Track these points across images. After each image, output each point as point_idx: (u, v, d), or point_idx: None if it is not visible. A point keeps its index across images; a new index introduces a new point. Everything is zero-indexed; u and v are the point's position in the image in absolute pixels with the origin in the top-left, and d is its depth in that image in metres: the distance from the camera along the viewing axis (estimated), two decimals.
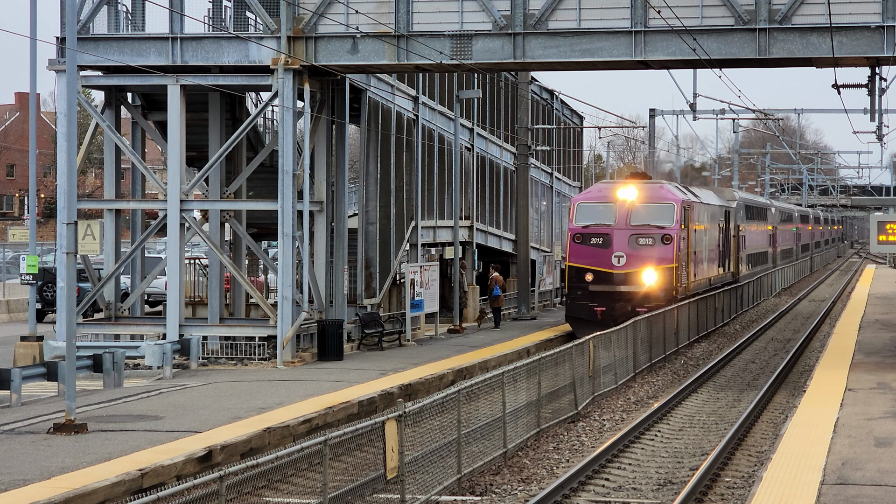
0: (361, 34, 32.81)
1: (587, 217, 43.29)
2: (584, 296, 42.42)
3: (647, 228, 42.72)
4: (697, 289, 46.55)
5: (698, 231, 47.01)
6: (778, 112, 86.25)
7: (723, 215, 54.43)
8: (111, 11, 35.22)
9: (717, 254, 52.53)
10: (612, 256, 42.40)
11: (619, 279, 42.34)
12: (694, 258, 45.89)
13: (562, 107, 77.75)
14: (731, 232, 57.60)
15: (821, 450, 20.10)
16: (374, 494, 16.88)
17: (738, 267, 60.02)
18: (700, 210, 47.59)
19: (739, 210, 62.33)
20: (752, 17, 31.88)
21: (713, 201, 52.58)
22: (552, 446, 23.71)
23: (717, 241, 52.44)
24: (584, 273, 42.57)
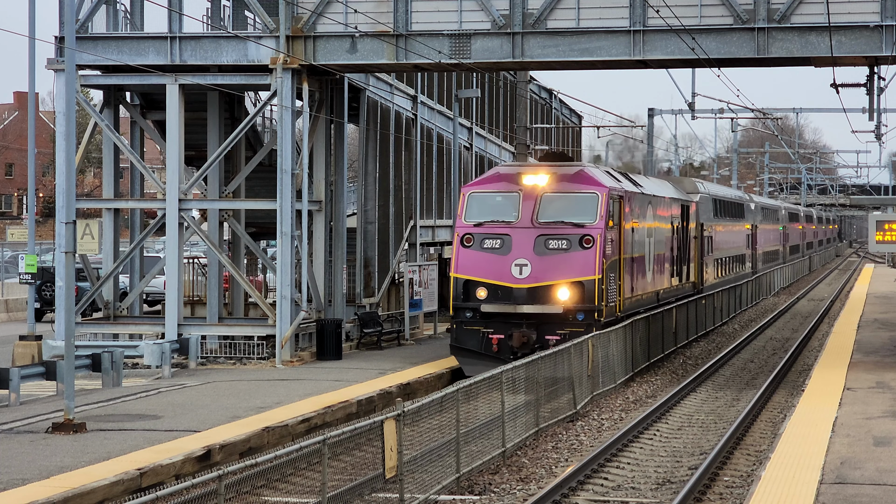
0: (360, 34, 32.81)
1: (482, 211, 32.67)
2: (474, 319, 31.91)
3: (561, 227, 32.04)
4: (637, 306, 36.09)
5: (637, 230, 36.36)
6: (777, 111, 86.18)
7: (679, 211, 44.29)
8: (110, 11, 35.23)
9: (669, 259, 42.01)
10: (513, 265, 31.78)
11: (521, 296, 31.72)
12: (630, 266, 35.32)
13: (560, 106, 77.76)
14: (693, 232, 47.37)
15: (819, 449, 20.11)
16: (373, 494, 16.88)
17: (702, 275, 49.47)
18: (640, 203, 36.93)
19: (704, 205, 51.11)
20: (751, 17, 31.89)
21: (663, 192, 42.10)
22: (551, 445, 23.71)
23: (669, 244, 42.08)
24: (474, 288, 32.00)
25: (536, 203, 32.30)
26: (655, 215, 39.35)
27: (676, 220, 43.65)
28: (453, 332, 32.22)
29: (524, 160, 45.42)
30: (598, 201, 32.35)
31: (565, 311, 31.55)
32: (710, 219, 52.37)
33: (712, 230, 52.95)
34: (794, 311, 60.39)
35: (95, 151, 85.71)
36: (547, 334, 31.35)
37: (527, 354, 27.37)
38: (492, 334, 31.82)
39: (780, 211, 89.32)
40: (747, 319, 54.72)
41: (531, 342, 31.31)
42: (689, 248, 46.50)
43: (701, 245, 49.34)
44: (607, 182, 33.42)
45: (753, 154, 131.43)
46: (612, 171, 36.20)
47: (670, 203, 42.74)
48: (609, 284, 32.53)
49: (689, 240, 46.51)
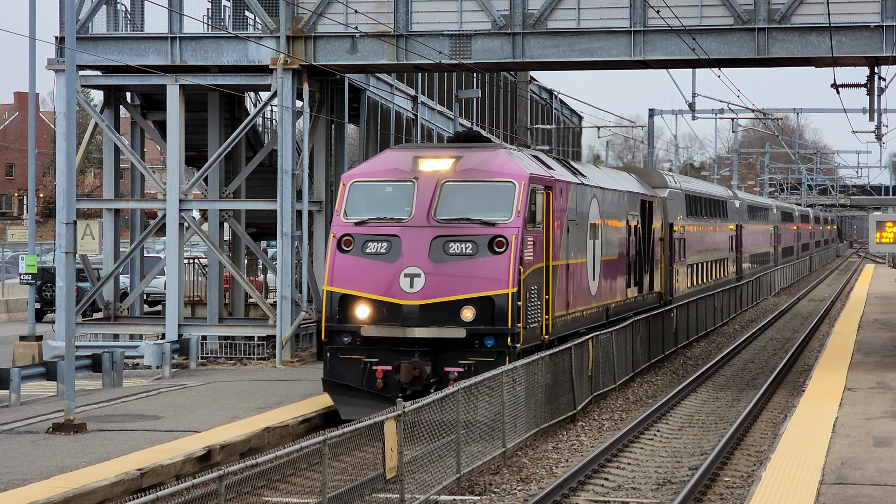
0: (361, 34, 32.82)
1: (366, 206, 25.93)
2: (353, 345, 24.92)
3: (466, 226, 25.10)
4: (575, 326, 29.39)
5: (576, 230, 29.51)
6: (777, 112, 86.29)
7: (639, 208, 37.19)
8: (110, 11, 35.25)
9: (624, 266, 34.90)
10: (402, 276, 24.75)
11: (412, 316, 24.60)
12: (564, 276, 28.41)
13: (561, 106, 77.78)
14: (658, 233, 40.60)
15: (820, 449, 20.11)
16: (374, 494, 16.88)
17: (671, 284, 42.92)
18: (579, 196, 29.96)
19: (675, 202, 44.61)
20: (752, 17, 31.89)
21: (615, 185, 34.84)
22: (551, 446, 23.71)
23: (624, 247, 35.04)
24: (353, 305, 24.98)
25: (436, 194, 25.42)
26: (603, 212, 32.30)
27: (635, 218, 36.63)
28: (326, 362, 25.14)
29: None
30: (514, 193, 25.38)
31: (470, 335, 24.45)
32: (682, 217, 46.11)
33: (685, 231, 46.44)
34: (794, 311, 60.38)
35: (96, 152, 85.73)
36: (446, 365, 24.40)
37: (420, 393, 22.60)
38: (376, 365, 24.73)
39: (770, 210, 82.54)
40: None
41: (424, 376, 24.40)
42: (653, 252, 39.39)
43: (670, 248, 42.76)
44: (530, 168, 26.57)
45: (754, 154, 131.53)
46: (542, 157, 29.34)
47: (626, 198, 35.61)
48: (530, 300, 25.63)
49: (654, 242, 39.54)
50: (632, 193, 36.71)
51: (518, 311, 24.76)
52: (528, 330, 25.52)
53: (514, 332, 24.66)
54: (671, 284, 42.87)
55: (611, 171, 39.06)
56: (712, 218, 54.32)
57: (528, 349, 25.24)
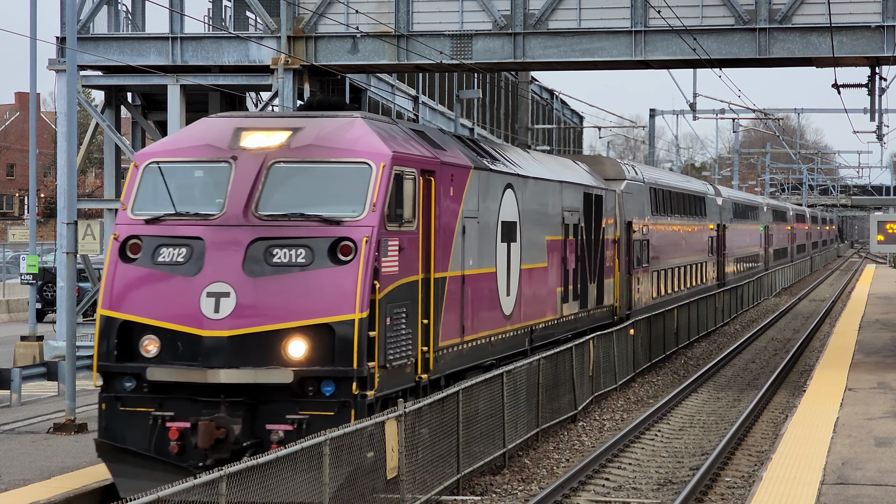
0: (361, 34, 32.84)
1: (162, 196, 18.93)
2: (138, 393, 18.01)
3: (298, 224, 18.20)
4: (475, 357, 22.64)
5: (476, 232, 22.58)
6: (778, 112, 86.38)
7: (580, 204, 30.56)
8: (111, 11, 35.27)
9: (556, 277, 28.35)
10: (204, 295, 17.74)
11: (218, 352, 17.61)
12: (458, 291, 21.54)
13: (562, 107, 77.81)
14: (611, 234, 34.14)
15: (821, 449, 20.11)
16: (374, 494, 16.88)
17: (630, 295, 36.59)
18: (482, 186, 23.07)
19: (636, 197, 38.17)
20: (753, 17, 31.90)
21: (545, 173, 28.30)
22: (552, 446, 23.71)
23: (557, 253, 28.50)
24: (138, 336, 18.06)
25: (259, 180, 18.40)
26: (525, 208, 25.79)
27: (575, 215, 30.05)
28: (101, 416, 18.08)
29: None
30: (370, 178, 18.42)
31: (300, 379, 17.50)
32: (646, 215, 39.53)
33: (649, 231, 39.79)
34: (795, 311, 60.38)
35: (97, 152, 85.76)
36: (268, 422, 17.51)
37: (226, 461, 16.07)
38: (170, 421, 17.66)
39: (760, 208, 76.05)
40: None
41: (233, 438, 17.27)
42: (603, 258, 32.94)
43: (628, 252, 36.44)
44: (397, 146, 19.44)
45: (755, 155, 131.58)
46: (430, 133, 22.30)
47: (561, 190, 28.95)
48: (394, 327, 18.71)
49: (604, 245, 33.07)
50: (570, 185, 29.77)
51: (371, 345, 17.77)
52: (391, 370, 18.58)
53: (363, 374, 17.58)
54: (629, 296, 36.45)
55: (546, 157, 31.88)
56: (687, 216, 47.80)
57: (391, 396, 18.69)
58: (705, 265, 52.01)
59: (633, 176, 38.62)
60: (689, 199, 48.92)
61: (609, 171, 36.48)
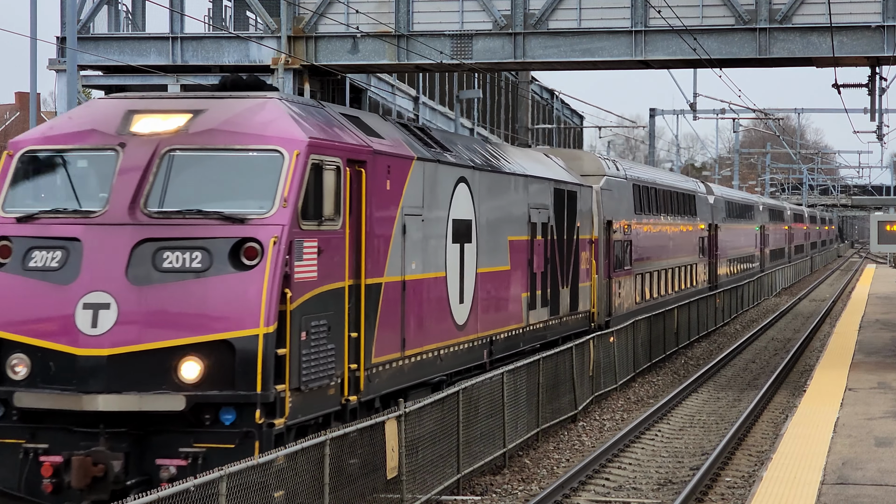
0: (362, 34, 32.84)
1: (38, 189, 16.59)
2: (6, 422, 15.29)
3: (194, 223, 15.59)
4: (424, 374, 20.40)
5: (420, 231, 20.18)
6: (778, 112, 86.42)
7: (550, 201, 28.11)
8: (111, 11, 35.27)
9: (521, 281, 25.79)
10: (80, 307, 15.03)
11: (96, 374, 14.82)
12: (401, 300, 19.26)
13: (562, 106, 77.83)
14: (587, 234, 31.81)
15: (821, 449, 20.11)
16: (375, 494, 16.88)
17: (609, 300, 34.52)
18: (431, 180, 20.72)
19: (617, 194, 36.07)
20: (753, 17, 31.90)
21: (504, 166, 25.30)
22: (552, 446, 23.72)
23: (523, 254, 25.92)
24: (5, 353, 15.32)
25: (150, 171, 15.79)
26: (481, 204, 23.14)
27: (544, 213, 27.61)
28: None
29: None
30: (281, 168, 15.86)
31: (194, 406, 14.90)
32: (629, 214, 37.51)
33: (632, 231, 37.71)
34: (795, 311, 60.38)
35: None
36: (158, 456, 14.88)
37: (105, 502, 14.40)
38: (44, 455, 14.97)
39: (755, 208, 73.13)
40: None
41: (113, 476, 14.64)
42: (577, 260, 30.50)
43: (608, 254, 34.28)
44: (316, 130, 16.77)
45: (755, 155, 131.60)
46: (366, 118, 19.55)
47: (527, 185, 26.39)
48: (311, 342, 16.08)
49: (578, 246, 30.64)
50: (537, 180, 27.20)
51: (280, 364, 15.20)
52: (308, 393, 15.93)
53: (268, 399, 14.94)
54: (609, 301, 34.32)
55: (514, 150, 29.54)
56: (675, 215, 45.40)
57: (308, 424, 16.13)
58: (695, 267, 49.28)
59: (615, 172, 36.44)
60: (678, 198, 46.44)
61: (587, 167, 34.42)
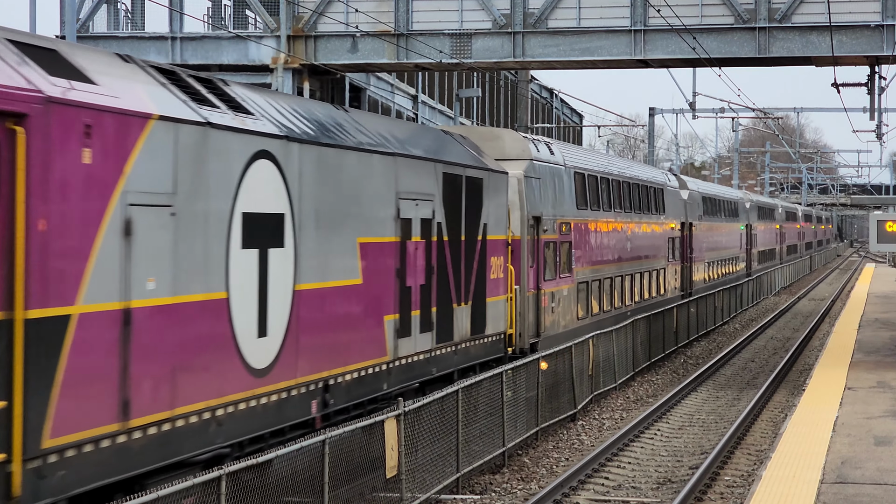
0: (361, 33, 32.85)
1: None
2: None
3: None
4: (187, 449, 13.93)
5: (155, 227, 13.49)
6: (777, 111, 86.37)
7: (436, 190, 21.59)
8: (111, 10, 35.27)
9: (384, 300, 19.44)
10: None
11: None
12: (121, 340, 12.72)
13: (561, 105, 77.84)
14: (497, 232, 24.62)
15: (820, 449, 20.11)
16: (374, 493, 16.88)
17: (539, 318, 28.16)
18: (190, 150, 14.19)
19: (546, 184, 29.30)
20: (752, 16, 31.91)
21: (345, 140, 18.46)
22: (552, 445, 23.72)
23: (387, 262, 19.65)
24: None
25: None
26: (305, 191, 16.98)
27: (431, 206, 21.13)
28: None
29: None
30: None
31: None
32: (565, 209, 30.72)
33: (572, 230, 31.11)
34: (794, 310, 60.39)
35: None
36: None
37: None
38: None
39: (741, 204, 66.47)
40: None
41: None
42: (485, 268, 23.62)
43: (536, 259, 27.82)
44: None
45: (754, 154, 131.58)
46: (66, 49, 13.31)
47: (400, 167, 19.99)
48: None
49: (491, 249, 24.00)
50: (414, 160, 20.44)
51: None
52: None
53: None
54: (537, 318, 27.88)
55: (379, 119, 22.42)
56: (636, 212, 38.98)
57: None
58: (663, 273, 43.01)
59: (546, 156, 29.65)
60: (641, 191, 39.74)
61: (509, 148, 28.01)
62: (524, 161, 28.14)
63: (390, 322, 19.44)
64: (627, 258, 37.46)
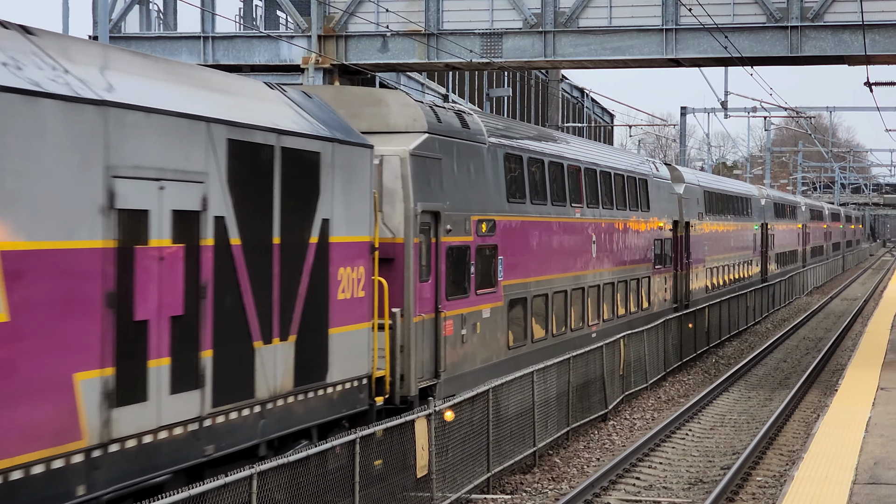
0: (392, 33, 32.87)
1: None
2: None
3: None
4: None
5: None
6: (810, 110, 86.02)
7: (213, 163, 13.73)
8: (143, 10, 35.40)
9: (65, 346, 11.40)
10: None
11: None
12: None
13: (592, 105, 77.70)
14: (354, 230, 17.09)
15: (853, 449, 20.03)
16: (405, 492, 16.90)
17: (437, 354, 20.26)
18: None
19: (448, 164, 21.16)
20: (784, 15, 31.80)
21: None
22: (582, 445, 23.69)
23: (79, 289, 11.65)
24: None
25: None
26: None
27: (200, 192, 13.72)
28: None
29: None
30: None
31: None
32: (484, 203, 22.63)
33: (497, 231, 23.15)
34: (827, 310, 60.15)
35: None
36: None
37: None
38: None
39: (754, 199, 58.55)
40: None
41: None
42: (326, 286, 16.36)
43: (435, 270, 20.30)
44: None
45: (787, 153, 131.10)
46: None
47: (135, 129, 12.61)
48: None
49: (340, 258, 16.81)
50: (148, 117, 12.91)
51: None
52: None
53: None
54: (436, 352, 20.25)
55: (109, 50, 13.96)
56: (599, 207, 30.22)
57: None
58: (647, 282, 34.85)
59: (455, 129, 21.57)
60: (610, 182, 31.12)
61: (395, 117, 20.30)
62: (416, 134, 20.00)
63: (89, 383, 11.81)
64: (589, 266, 29.08)
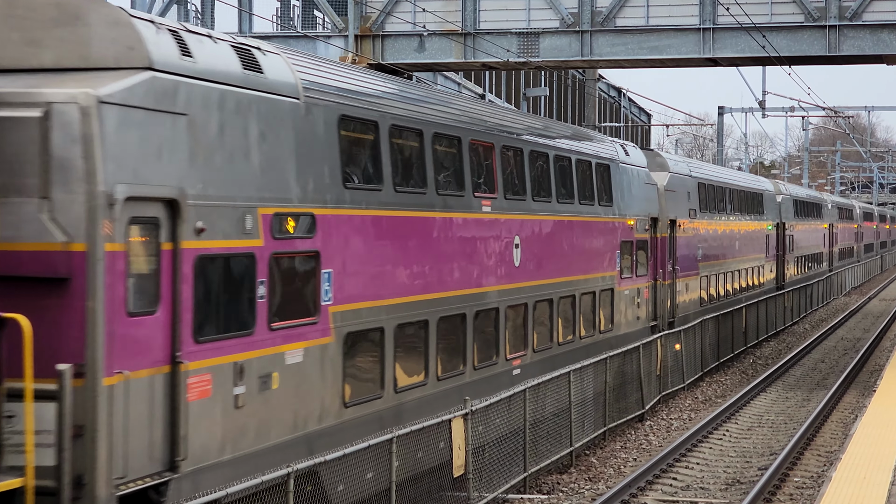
0: (428, 32, 32.90)
1: None
2: None
3: None
4: None
5: None
6: (848, 109, 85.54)
7: None
8: (181, 10, 35.56)
9: None
10: None
11: None
12: None
13: (629, 104, 77.60)
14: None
15: (891, 450, 19.92)
16: (441, 492, 16.92)
17: (175, 435, 12.00)
18: None
19: (213, 117, 12.83)
20: (822, 14, 31.66)
21: None
22: (619, 445, 23.65)
23: None
24: None
25: None
26: None
27: None
28: None
29: None
30: None
31: None
32: (306, 192, 14.71)
33: (318, 232, 14.95)
34: (864, 311, 59.83)
35: None
36: None
37: None
38: None
39: (766, 195, 50.88)
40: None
41: None
42: None
43: (170, 304, 12.11)
44: None
45: (825, 153, 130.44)
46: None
47: None
48: None
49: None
50: None
51: None
52: None
53: None
54: (176, 437, 12.19)
55: None
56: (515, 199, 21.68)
57: None
58: (609, 298, 26.96)
59: (209, 69, 13.14)
60: (533, 164, 22.62)
61: (98, 45, 12.18)
62: (129, 72, 12.11)
63: None
64: (508, 279, 21.05)
